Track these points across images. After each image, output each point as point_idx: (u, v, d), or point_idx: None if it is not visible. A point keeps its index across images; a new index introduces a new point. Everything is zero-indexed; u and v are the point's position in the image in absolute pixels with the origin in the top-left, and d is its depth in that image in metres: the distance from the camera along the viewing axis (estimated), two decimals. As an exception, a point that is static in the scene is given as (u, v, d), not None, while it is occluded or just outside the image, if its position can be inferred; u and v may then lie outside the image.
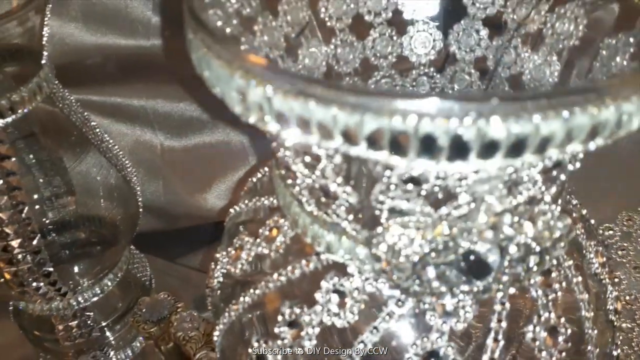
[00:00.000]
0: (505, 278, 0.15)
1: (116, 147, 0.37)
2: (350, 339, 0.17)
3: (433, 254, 0.14)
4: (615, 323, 0.19)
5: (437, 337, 0.16)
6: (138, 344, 0.41)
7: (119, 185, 0.38)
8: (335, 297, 0.17)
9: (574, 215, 0.20)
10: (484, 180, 0.13)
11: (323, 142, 0.12)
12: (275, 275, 0.19)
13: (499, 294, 0.16)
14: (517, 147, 0.11)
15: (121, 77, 0.43)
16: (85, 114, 0.35)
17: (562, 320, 0.17)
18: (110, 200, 0.38)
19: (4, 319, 0.42)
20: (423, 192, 0.14)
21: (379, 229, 0.15)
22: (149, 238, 0.46)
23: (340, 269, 0.18)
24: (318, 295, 0.17)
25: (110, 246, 0.38)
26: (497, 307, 0.17)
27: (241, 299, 0.20)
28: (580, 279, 0.18)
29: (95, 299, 0.37)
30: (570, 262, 0.18)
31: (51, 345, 0.38)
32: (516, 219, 0.14)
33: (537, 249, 0.15)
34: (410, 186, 0.14)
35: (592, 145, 0.11)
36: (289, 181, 0.18)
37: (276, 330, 0.18)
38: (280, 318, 0.18)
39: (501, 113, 0.10)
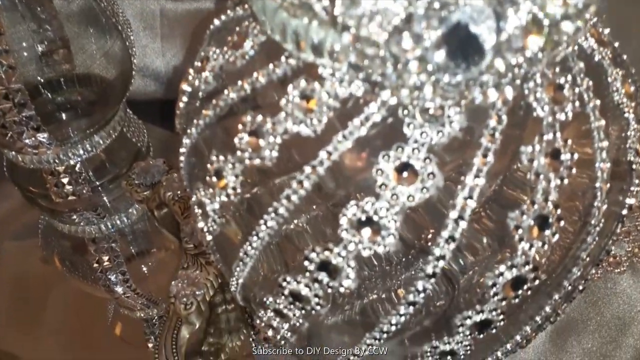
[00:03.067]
0: (500, 64, 0.12)
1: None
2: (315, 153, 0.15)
3: (411, 23, 0.12)
4: (635, 166, 0.17)
5: (414, 148, 0.14)
6: (134, 212, 0.40)
7: (113, 39, 0.35)
8: (302, 101, 0.15)
9: (604, 39, 0.17)
10: None
11: None
12: (239, 83, 0.16)
13: (494, 99, 0.13)
14: None
15: None
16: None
17: (569, 143, 0.14)
18: (104, 56, 0.36)
19: (10, 184, 0.42)
20: None
21: (347, -10, 0.12)
22: (150, 107, 0.44)
23: (311, 74, 0.15)
24: (283, 101, 0.15)
25: (101, 104, 0.36)
26: (492, 122, 0.14)
27: (204, 112, 0.17)
28: (597, 102, 0.15)
29: (86, 155, 0.35)
30: (589, 84, 0.15)
31: (45, 203, 0.38)
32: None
33: (545, 22, 0.12)
34: None
35: None
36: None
37: (236, 140, 0.16)
38: (240, 127, 0.16)
39: None
